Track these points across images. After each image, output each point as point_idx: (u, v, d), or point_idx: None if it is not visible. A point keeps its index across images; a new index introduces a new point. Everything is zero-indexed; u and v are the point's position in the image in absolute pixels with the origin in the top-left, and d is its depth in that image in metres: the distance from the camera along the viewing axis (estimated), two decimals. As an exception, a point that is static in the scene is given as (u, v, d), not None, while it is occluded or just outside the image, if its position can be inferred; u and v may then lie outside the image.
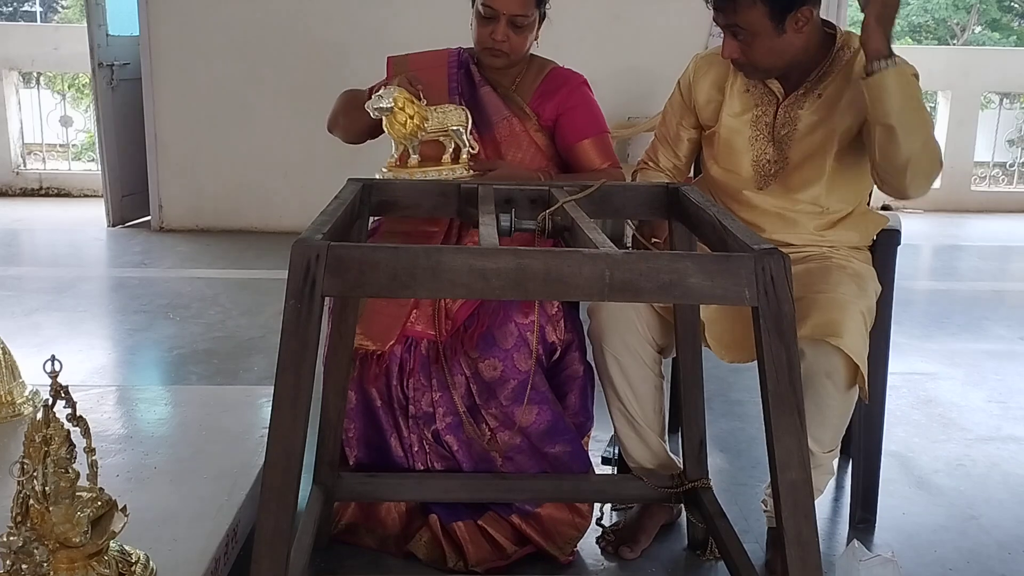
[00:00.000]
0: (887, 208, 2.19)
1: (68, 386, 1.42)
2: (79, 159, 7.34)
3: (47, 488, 1.39)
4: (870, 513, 2.20)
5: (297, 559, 1.64)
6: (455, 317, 2.04)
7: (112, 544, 1.51)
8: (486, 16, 2.13)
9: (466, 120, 2.06)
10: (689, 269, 1.27)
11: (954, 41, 14.96)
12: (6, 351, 2.17)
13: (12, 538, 1.36)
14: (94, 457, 1.48)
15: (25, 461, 1.39)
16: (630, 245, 2.10)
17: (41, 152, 6.87)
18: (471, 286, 1.27)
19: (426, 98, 2.07)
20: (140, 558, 1.55)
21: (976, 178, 6.93)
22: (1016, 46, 14.07)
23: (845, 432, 2.30)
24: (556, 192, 1.76)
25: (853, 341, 1.78)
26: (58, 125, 6.78)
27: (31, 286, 4.26)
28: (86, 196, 6.49)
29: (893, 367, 2.19)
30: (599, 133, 2.25)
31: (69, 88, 7.90)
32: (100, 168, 5.69)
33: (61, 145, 6.99)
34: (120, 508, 1.51)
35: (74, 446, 1.43)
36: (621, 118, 4.95)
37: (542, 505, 2.02)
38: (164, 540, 1.64)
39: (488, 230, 1.51)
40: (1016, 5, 15.53)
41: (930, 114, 1.87)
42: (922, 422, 2.87)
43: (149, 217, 5.56)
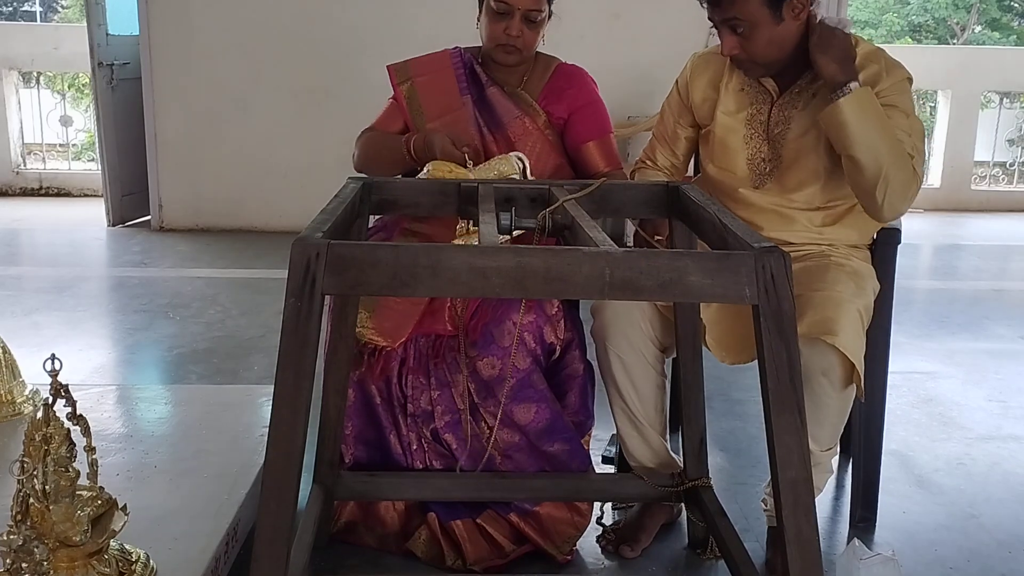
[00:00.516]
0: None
1: (68, 385, 1.42)
2: (79, 159, 7.34)
3: (47, 487, 1.39)
4: (870, 512, 2.20)
5: (297, 558, 1.64)
6: (465, 314, 2.04)
7: (112, 543, 1.52)
8: (500, 12, 2.13)
9: (521, 167, 1.97)
10: (689, 267, 1.27)
11: (954, 40, 14.96)
12: (6, 350, 2.17)
13: (12, 537, 1.36)
14: (94, 456, 1.48)
15: (25, 460, 1.39)
16: (632, 243, 2.10)
17: (41, 152, 6.87)
18: (471, 284, 1.27)
19: (435, 102, 2.06)
20: (140, 557, 1.55)
21: (976, 177, 6.93)
22: (1016, 45, 14.06)
23: (845, 431, 2.30)
24: (556, 191, 1.76)
25: (849, 339, 1.78)
26: (58, 125, 6.79)
27: (31, 286, 4.26)
28: (86, 196, 6.49)
29: (893, 366, 2.19)
30: (604, 135, 2.27)
31: (69, 88, 7.90)
32: (100, 168, 5.69)
33: (61, 145, 6.99)
34: (120, 507, 1.51)
35: (74, 445, 1.43)
36: (621, 117, 4.94)
37: (541, 504, 2.02)
38: (164, 539, 1.64)
39: (488, 228, 1.52)
40: (1016, 5, 15.53)
41: (902, 128, 1.85)
42: (922, 421, 2.87)
43: (149, 216, 5.56)
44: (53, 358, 1.40)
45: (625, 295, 1.28)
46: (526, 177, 1.95)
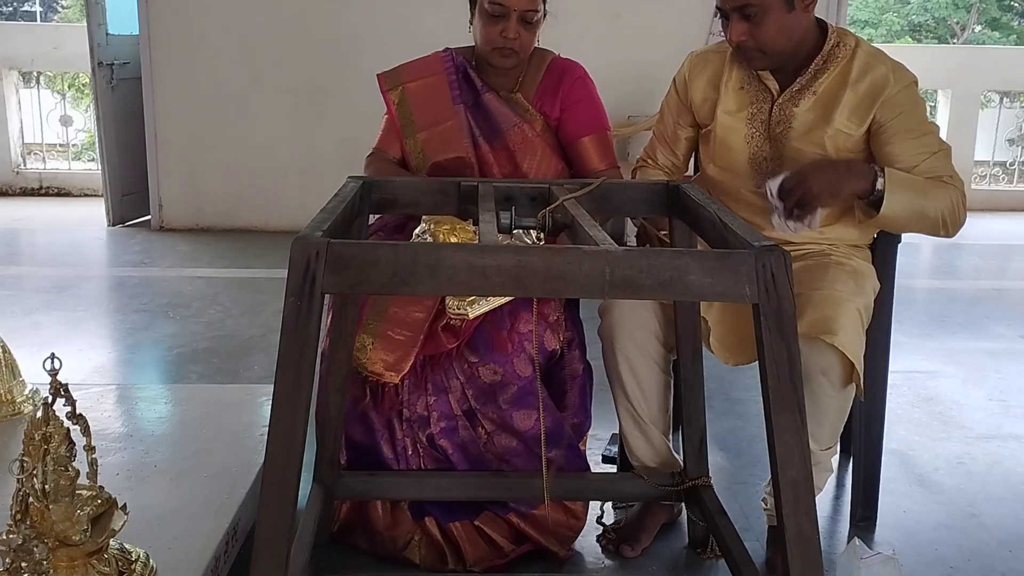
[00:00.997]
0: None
1: (67, 384, 1.42)
2: (79, 159, 7.34)
3: (47, 486, 1.39)
4: (871, 511, 2.20)
5: (297, 557, 1.64)
6: (466, 324, 1.99)
7: (112, 542, 1.51)
8: (495, 15, 2.07)
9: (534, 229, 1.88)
10: (689, 266, 1.26)
11: (954, 40, 14.95)
12: (6, 350, 2.17)
13: (12, 536, 1.36)
14: (94, 455, 1.48)
15: (25, 459, 1.39)
16: (635, 240, 2.10)
17: (41, 152, 6.86)
18: (471, 283, 1.26)
19: (426, 110, 2.00)
20: (140, 556, 1.55)
21: (976, 177, 6.92)
22: (1016, 45, 14.05)
23: (846, 430, 2.30)
24: (556, 190, 1.75)
25: (848, 338, 1.78)
26: (58, 125, 6.78)
27: (31, 285, 4.26)
28: (86, 195, 6.49)
29: (894, 365, 2.19)
30: (599, 130, 2.22)
31: (69, 88, 7.90)
32: (100, 167, 5.69)
33: (61, 145, 6.99)
34: (120, 506, 1.51)
35: (74, 444, 1.43)
36: (621, 117, 4.94)
37: (538, 507, 2.01)
38: (164, 538, 1.64)
39: (488, 227, 1.51)
40: (1016, 4, 15.53)
41: (942, 189, 1.88)
42: (923, 420, 2.86)
43: (149, 216, 5.56)
44: (53, 357, 1.40)
45: (625, 294, 1.28)
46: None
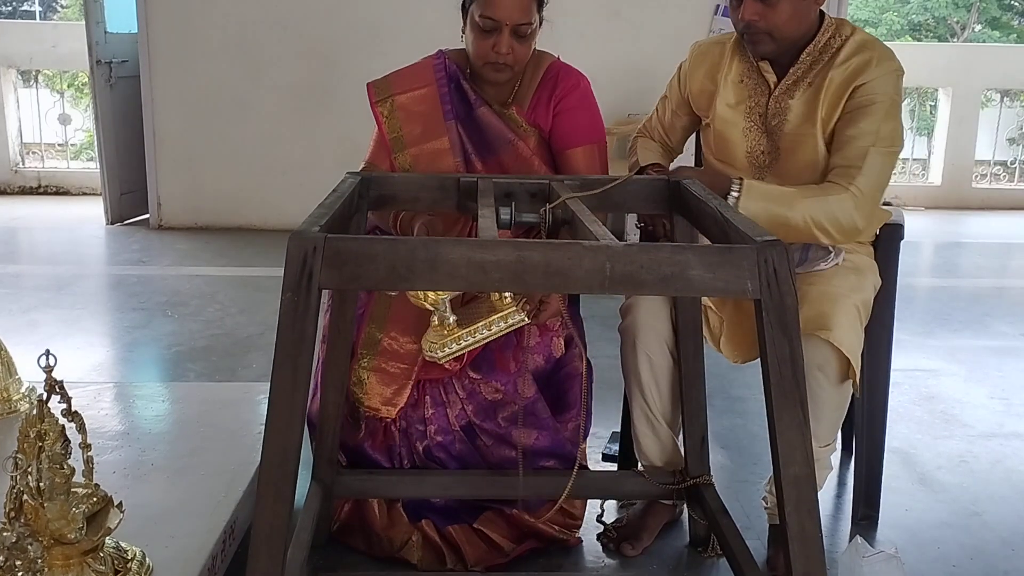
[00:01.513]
0: (887, 204, 2.17)
1: (63, 381, 1.41)
2: (78, 157, 7.33)
3: (42, 484, 1.38)
4: (873, 509, 2.19)
5: (295, 555, 1.63)
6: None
7: (108, 541, 1.50)
8: (486, 29, 1.95)
9: (519, 323, 1.71)
10: (691, 261, 1.25)
11: (954, 39, 14.93)
12: (3, 348, 2.16)
13: (6, 534, 1.35)
14: (90, 453, 1.47)
15: (19, 456, 1.38)
16: (640, 231, 2.09)
17: (40, 150, 6.85)
18: (470, 279, 1.25)
19: (416, 126, 1.95)
20: (136, 555, 1.54)
21: (977, 175, 6.92)
22: (1016, 44, 14.03)
23: (848, 429, 2.29)
24: (556, 185, 1.74)
25: (844, 334, 1.77)
26: (57, 123, 6.77)
27: (29, 284, 4.25)
28: (84, 194, 6.47)
29: (895, 364, 2.18)
30: (591, 142, 2.10)
31: (68, 87, 7.89)
32: (99, 166, 5.68)
33: (60, 143, 6.98)
34: (116, 504, 1.50)
35: (69, 442, 1.42)
36: (621, 115, 4.93)
37: (537, 510, 2.00)
38: (161, 537, 1.63)
39: (487, 223, 1.50)
40: (1016, 3, 15.52)
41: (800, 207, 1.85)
42: (924, 419, 2.85)
43: (148, 215, 5.54)
44: (48, 354, 1.39)
45: (626, 289, 1.27)
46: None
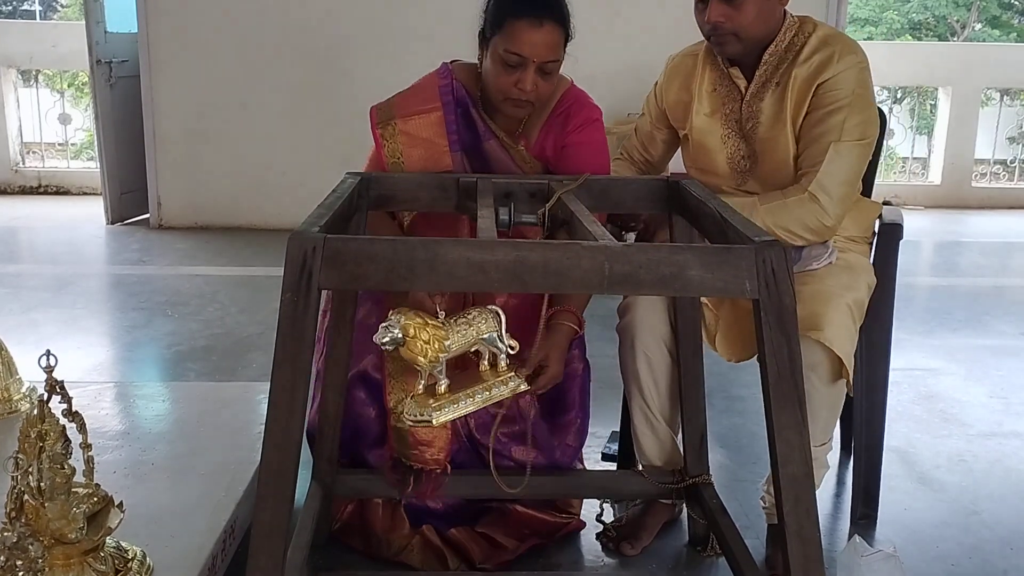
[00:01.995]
0: (888, 203, 2.17)
1: (63, 381, 1.41)
2: (78, 157, 7.33)
3: (42, 484, 1.38)
4: (872, 509, 2.19)
5: (295, 555, 1.64)
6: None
7: (108, 540, 1.51)
8: (511, 64, 1.84)
9: (498, 324, 1.65)
10: (689, 261, 1.26)
11: (954, 38, 14.93)
12: (3, 347, 2.16)
13: (7, 534, 1.35)
14: (90, 453, 1.47)
15: (20, 456, 1.38)
16: (635, 233, 2.09)
17: (40, 150, 6.86)
18: (469, 279, 1.26)
19: (418, 157, 1.91)
20: (137, 554, 1.54)
21: (977, 175, 6.93)
22: (1016, 43, 14.04)
23: (847, 428, 2.30)
24: (555, 185, 1.75)
25: (835, 334, 1.77)
26: (57, 123, 6.77)
27: (30, 283, 4.25)
28: (85, 194, 6.48)
29: (894, 363, 2.18)
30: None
31: (68, 86, 7.89)
32: (99, 166, 5.68)
33: (60, 143, 6.98)
34: (117, 504, 1.50)
35: (70, 442, 1.42)
36: (620, 115, 4.93)
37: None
38: (161, 536, 1.63)
39: (486, 223, 1.50)
40: (1016, 2, 15.51)
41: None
42: (923, 418, 2.86)
43: (148, 214, 5.55)
44: (48, 354, 1.39)
45: (624, 289, 1.28)
46: (502, 332, 1.66)
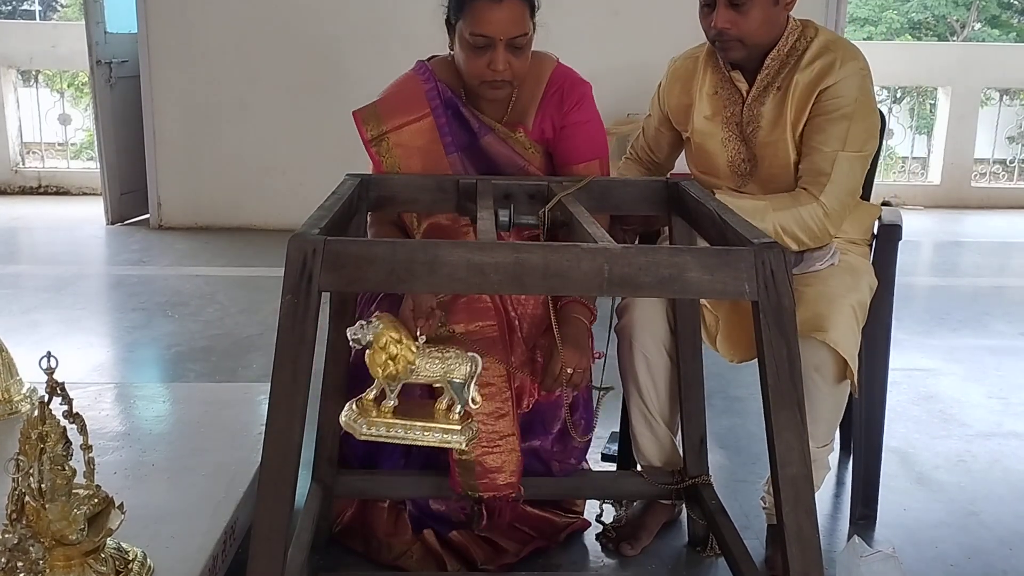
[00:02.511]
0: (887, 204, 2.18)
1: (64, 383, 1.41)
2: (78, 157, 7.33)
3: (43, 485, 1.38)
4: (871, 509, 2.19)
5: (295, 556, 1.64)
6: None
7: (109, 541, 1.51)
8: (479, 46, 1.83)
9: (472, 372, 1.55)
10: (689, 263, 1.26)
11: (954, 38, 14.93)
12: (3, 348, 2.17)
13: (8, 535, 1.35)
14: (91, 454, 1.47)
15: (20, 458, 1.38)
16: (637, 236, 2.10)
17: (40, 150, 6.86)
18: (469, 281, 1.26)
19: (416, 166, 1.90)
20: (137, 555, 1.54)
21: (976, 174, 6.92)
22: (1016, 42, 14.04)
23: (846, 429, 2.30)
24: (555, 187, 1.75)
25: (840, 335, 1.78)
26: (57, 123, 6.77)
27: (29, 284, 4.26)
28: (85, 194, 6.48)
29: (894, 363, 2.18)
30: (596, 157, 2.03)
31: (68, 86, 7.89)
32: (99, 166, 5.68)
33: (60, 143, 6.98)
34: (117, 505, 1.50)
35: (70, 443, 1.43)
36: (620, 114, 4.93)
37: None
38: (162, 537, 1.63)
39: (486, 225, 1.51)
40: (1016, 2, 15.51)
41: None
42: (923, 418, 2.86)
43: (148, 215, 5.55)
44: (49, 356, 1.39)
45: (624, 291, 1.28)
46: (470, 385, 1.56)
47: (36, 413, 1.39)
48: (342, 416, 1.56)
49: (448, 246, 1.27)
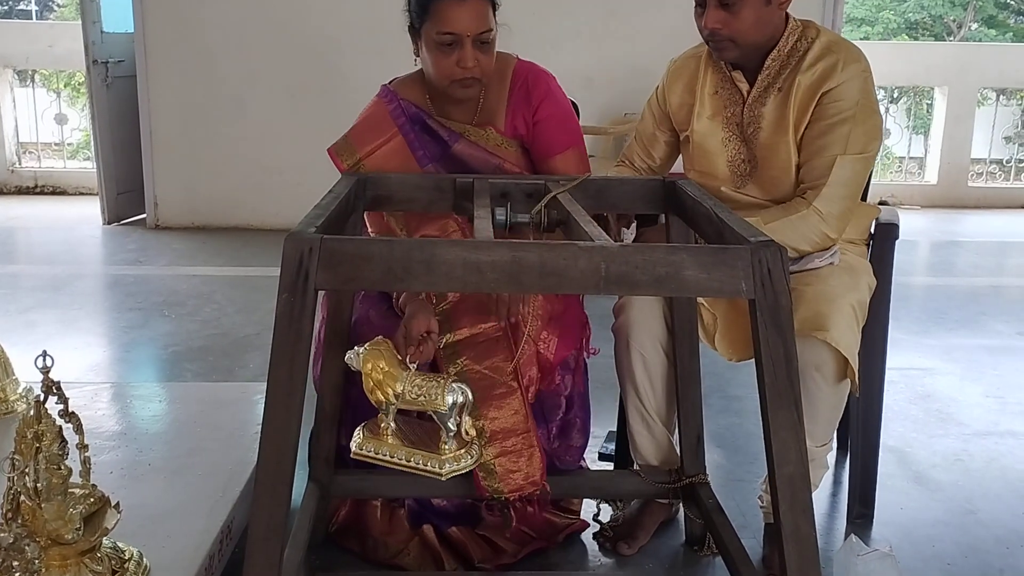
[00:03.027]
0: (884, 203, 2.18)
1: (60, 382, 1.41)
2: (74, 157, 7.33)
3: (39, 484, 1.38)
4: (868, 508, 2.19)
5: (292, 556, 1.64)
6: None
7: (105, 541, 1.50)
8: (447, 44, 1.85)
9: (459, 403, 1.58)
10: (685, 262, 1.26)
11: (951, 38, 14.96)
12: (0, 348, 2.16)
13: (3, 535, 1.35)
14: (87, 453, 1.47)
15: (16, 457, 1.38)
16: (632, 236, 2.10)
17: (36, 150, 6.85)
18: (466, 279, 1.26)
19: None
20: (133, 555, 1.54)
21: (973, 174, 6.93)
22: (1013, 42, 14.06)
23: (843, 427, 2.30)
24: (552, 186, 1.75)
25: (841, 334, 1.78)
26: (53, 123, 6.76)
27: (26, 284, 4.25)
28: (81, 194, 6.47)
29: (891, 362, 2.18)
30: (570, 146, 2.05)
31: (64, 86, 7.88)
32: (95, 166, 5.67)
33: (56, 143, 6.98)
34: (113, 505, 1.50)
35: (66, 442, 1.42)
36: (617, 114, 4.92)
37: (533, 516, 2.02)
38: (158, 537, 1.63)
39: (483, 223, 1.50)
40: (1013, 2, 15.54)
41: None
42: (920, 417, 2.86)
43: (144, 215, 5.55)
44: (44, 355, 1.39)
45: (621, 289, 1.28)
46: (454, 416, 1.59)
47: (32, 412, 1.39)
48: (353, 445, 1.66)
49: (445, 244, 1.27)
